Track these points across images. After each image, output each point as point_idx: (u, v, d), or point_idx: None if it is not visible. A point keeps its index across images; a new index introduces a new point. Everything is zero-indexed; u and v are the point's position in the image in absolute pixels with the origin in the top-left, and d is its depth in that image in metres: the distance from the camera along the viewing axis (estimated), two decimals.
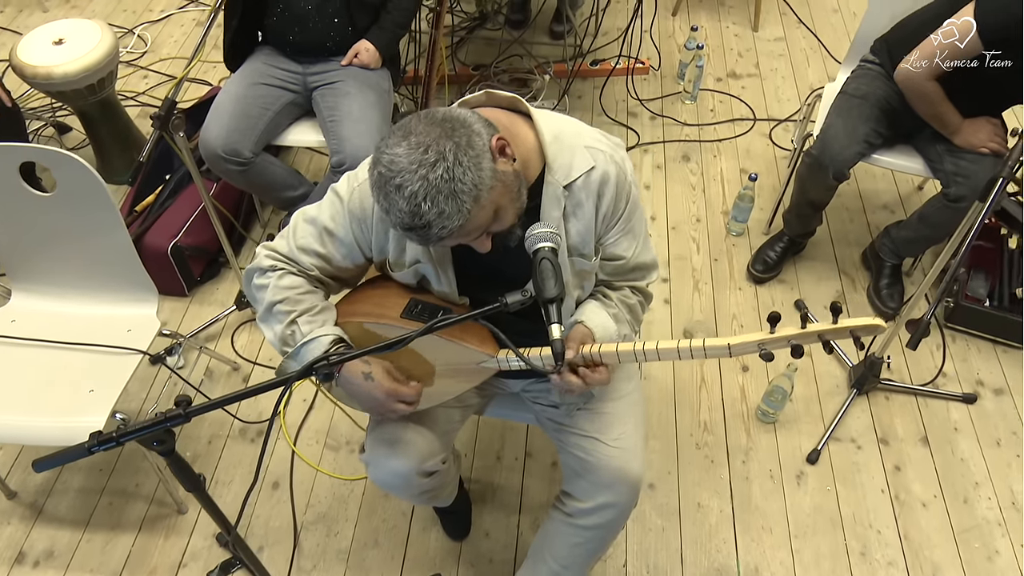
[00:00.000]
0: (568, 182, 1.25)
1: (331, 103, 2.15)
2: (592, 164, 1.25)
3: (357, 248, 1.34)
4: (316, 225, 1.33)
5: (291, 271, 1.35)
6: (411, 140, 1.04)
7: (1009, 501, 2.03)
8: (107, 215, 1.75)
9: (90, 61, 2.42)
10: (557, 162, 1.24)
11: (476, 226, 1.10)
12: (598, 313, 1.35)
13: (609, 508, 1.44)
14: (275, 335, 1.32)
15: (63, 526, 1.99)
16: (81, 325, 1.86)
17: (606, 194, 1.27)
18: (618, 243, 1.34)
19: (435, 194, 1.03)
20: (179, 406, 1.03)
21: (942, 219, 2.15)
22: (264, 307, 1.34)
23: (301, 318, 1.30)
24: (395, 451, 1.43)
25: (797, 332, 1.08)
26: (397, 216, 1.05)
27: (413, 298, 1.34)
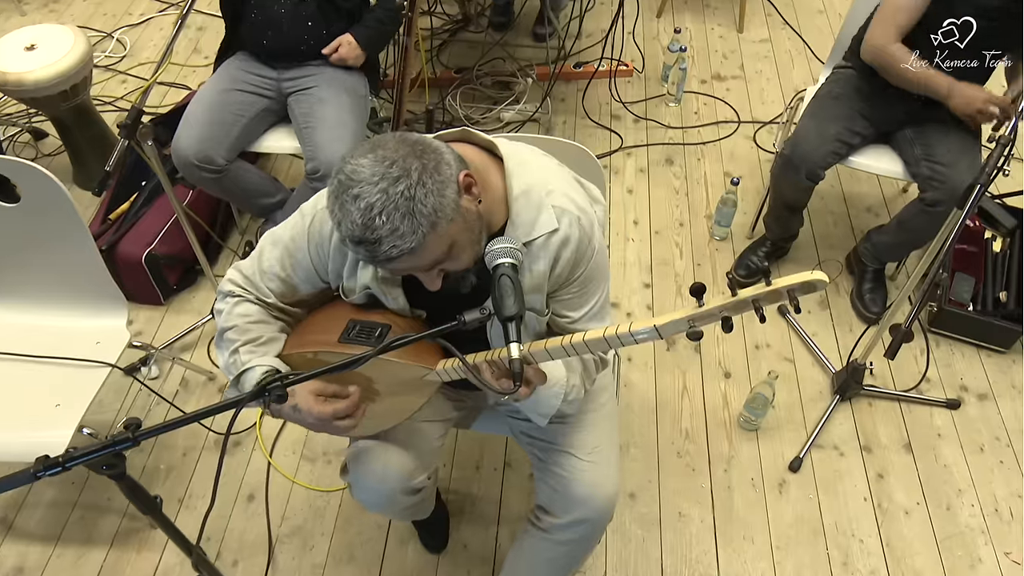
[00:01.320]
0: (528, 240, 1.20)
1: (306, 109, 2.12)
2: (555, 227, 1.20)
3: (314, 272, 1.31)
4: (279, 246, 1.31)
5: (248, 299, 1.33)
6: (378, 153, 1.02)
7: (992, 508, 2.01)
8: (73, 225, 1.72)
9: (63, 67, 2.38)
10: (520, 218, 1.19)
11: (429, 256, 1.06)
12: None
13: (583, 524, 1.42)
14: (222, 363, 1.32)
15: (33, 541, 1.96)
16: (48, 338, 1.83)
17: (563, 256, 1.22)
18: (568, 303, 1.29)
19: (392, 210, 1.00)
20: (128, 429, 0.99)
21: (920, 224, 2.14)
22: (218, 332, 1.33)
23: (243, 347, 1.28)
24: (379, 471, 1.41)
25: (727, 301, 0.97)
26: (348, 228, 1.02)
27: (351, 319, 1.30)
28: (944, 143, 2.08)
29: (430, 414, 1.51)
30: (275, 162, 2.90)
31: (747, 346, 2.36)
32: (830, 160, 2.16)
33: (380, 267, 1.13)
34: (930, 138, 2.12)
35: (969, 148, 2.10)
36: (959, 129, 2.10)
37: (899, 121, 2.17)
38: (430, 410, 1.51)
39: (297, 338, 1.36)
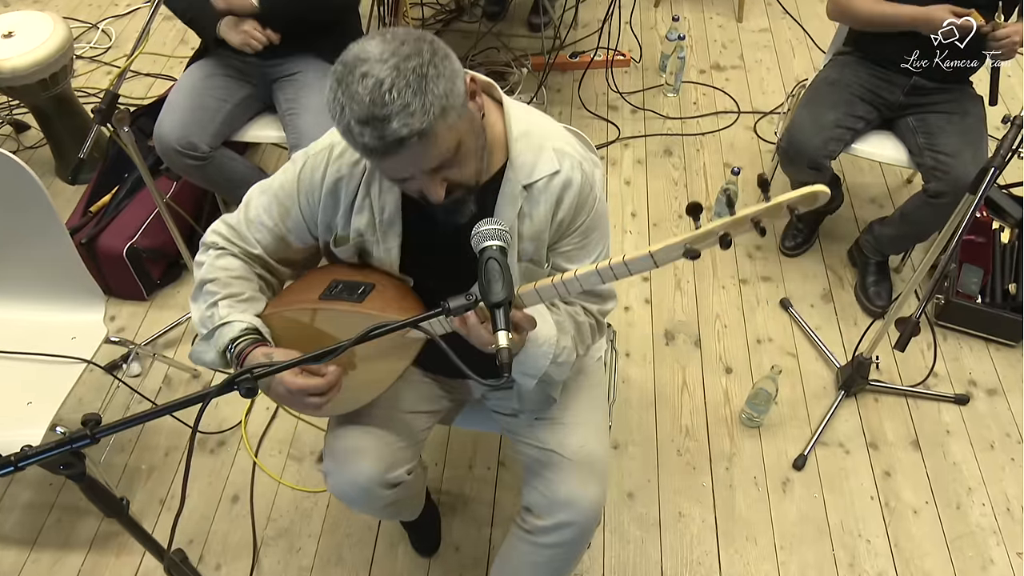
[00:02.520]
0: (529, 183, 1.17)
1: (290, 95, 2.04)
2: (557, 168, 1.17)
3: (303, 223, 1.26)
4: (267, 195, 1.26)
5: (231, 252, 1.27)
6: (386, 36, 0.98)
7: (1004, 507, 1.94)
8: (47, 217, 1.65)
9: (41, 55, 2.30)
10: (520, 159, 1.17)
11: (438, 148, 0.99)
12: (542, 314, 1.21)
13: (568, 527, 1.34)
14: (197, 316, 1.24)
15: (9, 544, 1.88)
16: (21, 332, 1.75)
17: (565, 200, 1.19)
18: (570, 256, 1.24)
19: (404, 86, 0.94)
20: (86, 426, 0.92)
21: (923, 216, 2.08)
22: (196, 284, 1.26)
23: (223, 301, 1.21)
24: (356, 460, 1.33)
25: (725, 221, 0.94)
26: (354, 110, 0.95)
27: (334, 279, 1.25)
28: (947, 132, 2.02)
29: (412, 403, 1.44)
30: (263, 154, 2.83)
31: (748, 340, 2.29)
32: (832, 147, 2.09)
33: (384, 161, 1.01)
34: (932, 127, 2.06)
35: (973, 138, 2.03)
36: (963, 118, 2.04)
37: (900, 105, 2.11)
38: (413, 397, 1.44)
39: (278, 299, 1.29)
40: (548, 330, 1.20)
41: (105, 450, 2.04)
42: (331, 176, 1.21)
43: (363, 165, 1.20)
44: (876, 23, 2.01)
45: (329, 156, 1.21)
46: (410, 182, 1.06)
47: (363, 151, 1.01)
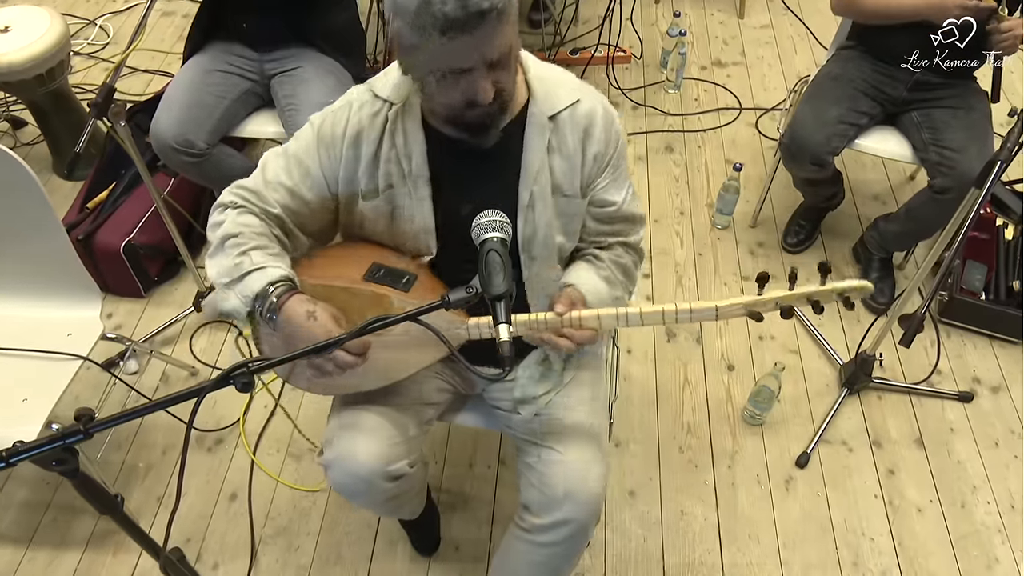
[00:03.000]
0: (553, 112, 1.21)
1: (289, 91, 2.02)
2: (578, 97, 1.22)
3: (324, 181, 1.26)
4: (286, 155, 1.26)
5: (250, 211, 1.25)
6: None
7: (1008, 505, 1.93)
8: (43, 212, 1.63)
9: (37, 50, 2.28)
10: (542, 93, 1.21)
11: (503, 38, 1.03)
12: (589, 277, 1.29)
13: (565, 525, 1.32)
14: (220, 269, 1.20)
15: (4, 543, 1.86)
16: (16, 329, 1.73)
17: (594, 132, 1.23)
18: (608, 188, 1.29)
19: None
20: (79, 421, 0.91)
21: (929, 213, 2.06)
22: (216, 242, 1.23)
23: (255, 251, 1.19)
24: (357, 452, 1.31)
25: (785, 294, 1.07)
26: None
27: (375, 262, 1.25)
28: (952, 127, 2.00)
29: (415, 396, 1.42)
30: (262, 149, 2.80)
31: (750, 337, 2.27)
32: (835, 143, 2.07)
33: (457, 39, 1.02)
34: (937, 122, 2.04)
35: (979, 133, 2.01)
36: (968, 113, 2.02)
37: (904, 100, 2.09)
38: (415, 390, 1.42)
39: (314, 271, 1.28)
40: (600, 288, 1.26)
41: (102, 448, 2.02)
42: (352, 128, 1.21)
43: (384, 116, 1.21)
44: (882, 15, 1.99)
45: (349, 110, 1.23)
46: (464, 79, 1.06)
47: (440, 24, 0.99)
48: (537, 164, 1.21)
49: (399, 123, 1.20)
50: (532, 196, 1.22)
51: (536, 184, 1.22)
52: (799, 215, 2.50)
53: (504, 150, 1.18)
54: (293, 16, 2.04)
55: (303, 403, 2.10)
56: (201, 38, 2.08)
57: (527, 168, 1.21)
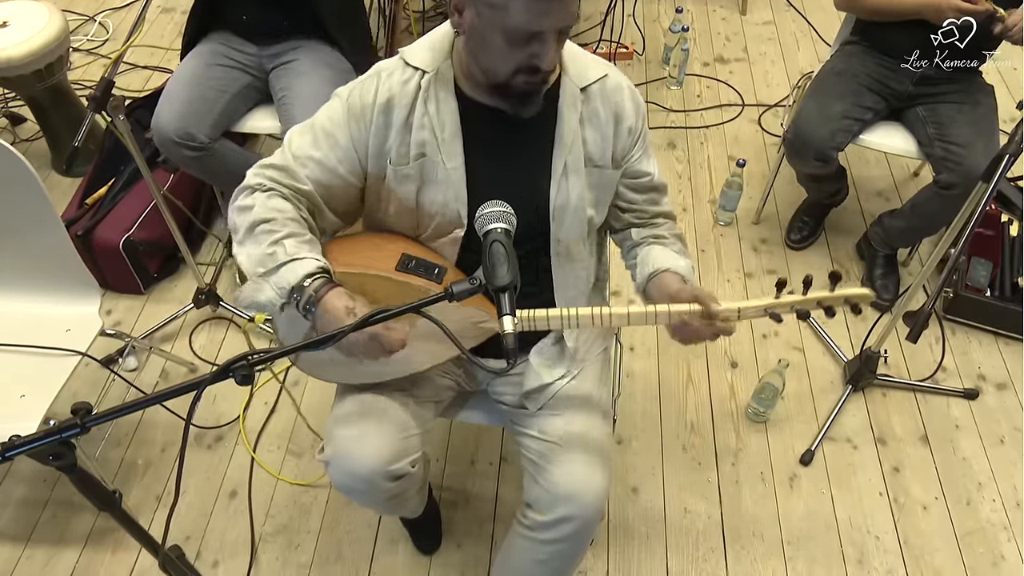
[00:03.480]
0: (584, 85, 1.24)
1: (285, 83, 2.01)
2: (606, 72, 1.27)
3: (354, 152, 1.24)
4: (313, 130, 1.25)
5: (281, 193, 1.23)
6: None
7: (1014, 502, 1.91)
8: (41, 208, 1.61)
9: (36, 45, 2.27)
10: (571, 68, 1.23)
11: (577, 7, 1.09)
12: (671, 257, 1.32)
13: (569, 522, 1.30)
14: (251, 257, 1.18)
15: (2, 541, 1.85)
16: (14, 325, 1.72)
17: (625, 105, 1.27)
18: (641, 160, 1.34)
19: None
20: (75, 414, 0.89)
21: (934, 209, 2.05)
22: (246, 227, 1.20)
23: (288, 240, 1.16)
24: (358, 450, 1.29)
25: (799, 298, 1.14)
26: None
27: (405, 253, 1.25)
28: (958, 122, 1.99)
29: (417, 393, 1.40)
30: (263, 145, 2.79)
31: (754, 334, 2.26)
32: (840, 139, 2.06)
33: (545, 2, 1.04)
34: (942, 117, 2.03)
35: (985, 128, 2.00)
36: (973, 108, 2.01)
37: (909, 95, 2.08)
38: (418, 387, 1.40)
39: (345, 258, 1.26)
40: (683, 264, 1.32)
41: (100, 445, 2.01)
42: (383, 95, 1.21)
43: (416, 83, 1.21)
44: (883, 12, 1.98)
45: (378, 79, 1.23)
46: (534, 42, 1.08)
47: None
48: (571, 135, 1.23)
49: (432, 90, 1.20)
50: (566, 166, 1.23)
51: (571, 154, 1.24)
52: (803, 211, 2.49)
53: (538, 121, 1.19)
54: (293, 7, 2.02)
55: (306, 391, 2.08)
56: (196, 32, 2.07)
57: (561, 138, 1.23)
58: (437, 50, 1.22)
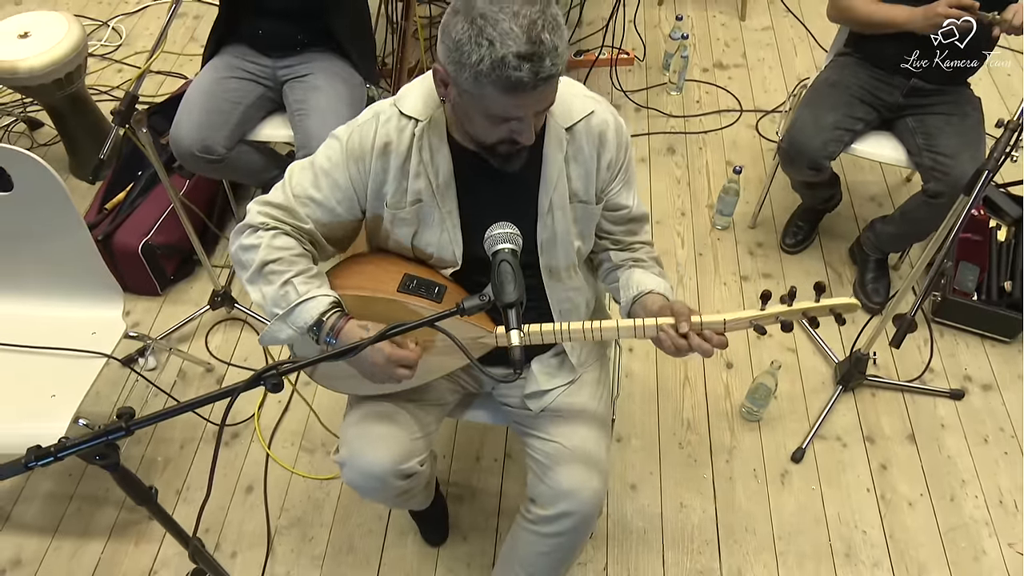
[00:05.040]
0: (569, 124, 1.28)
1: (300, 96, 2.09)
2: (592, 109, 1.29)
3: (353, 192, 1.30)
4: (312, 169, 1.30)
5: (284, 231, 1.30)
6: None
7: (996, 499, 2.00)
8: (67, 215, 1.70)
9: (56, 55, 2.35)
10: (558, 107, 1.25)
11: (554, 93, 1.12)
12: (652, 279, 1.37)
13: (569, 516, 1.40)
14: (266, 297, 1.26)
15: (31, 533, 1.94)
16: (44, 328, 1.81)
17: (608, 141, 1.30)
18: (620, 193, 1.37)
19: (552, 27, 1.04)
20: (121, 419, 0.98)
21: (923, 215, 2.12)
22: (255, 267, 1.27)
23: (297, 278, 1.25)
24: (371, 452, 1.39)
25: (785, 309, 1.20)
26: (510, 45, 1.02)
27: (407, 273, 1.31)
28: (946, 133, 2.06)
29: (426, 397, 1.49)
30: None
31: (749, 336, 2.34)
32: (832, 148, 2.13)
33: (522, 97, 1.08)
34: (931, 127, 2.10)
35: (972, 139, 2.07)
36: (962, 120, 2.08)
37: (899, 106, 2.15)
38: (426, 392, 1.49)
39: (349, 281, 1.33)
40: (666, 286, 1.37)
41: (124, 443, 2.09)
42: (380, 140, 1.26)
43: (411, 132, 1.25)
44: (874, 24, 2.05)
45: (377, 122, 1.27)
46: (512, 122, 1.13)
47: (507, 85, 1.05)
48: (556, 174, 1.28)
49: (426, 139, 1.25)
50: (551, 203, 1.29)
51: (555, 192, 1.29)
52: (797, 216, 2.57)
53: (525, 161, 1.23)
54: (307, 21, 2.10)
55: (317, 392, 2.17)
56: (216, 46, 2.15)
57: (546, 177, 1.28)
58: (429, 99, 1.25)
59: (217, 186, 2.55)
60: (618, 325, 1.25)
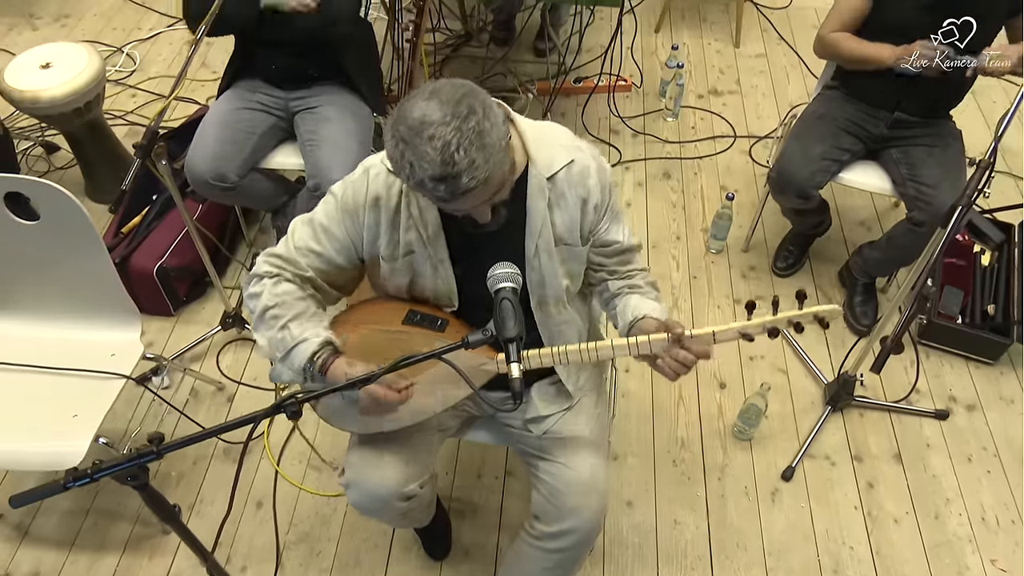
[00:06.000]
0: (550, 174, 1.34)
1: (311, 127, 2.19)
2: (572, 158, 1.35)
3: (350, 244, 1.39)
4: (312, 224, 1.39)
5: (286, 277, 1.39)
6: (440, 97, 1.10)
7: (979, 517, 2.07)
8: (90, 242, 1.78)
9: (77, 85, 2.45)
10: (539, 156, 1.33)
11: (494, 184, 1.16)
12: (648, 303, 1.44)
13: (572, 533, 1.48)
14: (267, 341, 1.36)
15: (48, 547, 2.02)
16: (66, 350, 1.89)
17: (590, 186, 1.36)
18: (609, 230, 1.44)
19: (468, 144, 1.08)
20: (152, 443, 1.06)
21: (908, 242, 2.20)
22: (258, 313, 1.37)
23: (293, 322, 1.33)
24: (376, 475, 1.48)
25: (770, 318, 1.27)
26: (426, 168, 1.09)
27: (412, 308, 1.40)
28: (928, 164, 2.15)
29: (429, 421, 1.57)
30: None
31: (741, 357, 2.42)
32: (819, 178, 2.22)
33: (450, 205, 1.18)
34: (914, 159, 2.19)
35: (953, 169, 2.16)
36: (943, 151, 2.17)
37: (884, 138, 2.24)
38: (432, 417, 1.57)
39: (356, 317, 1.42)
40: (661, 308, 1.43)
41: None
42: (372, 194, 1.35)
43: (399, 187, 1.34)
44: (857, 61, 2.14)
45: (367, 178, 1.36)
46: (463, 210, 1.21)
47: (434, 200, 1.16)
48: (539, 221, 1.35)
49: (413, 195, 1.34)
50: (537, 248, 1.36)
51: (540, 238, 1.36)
52: (788, 241, 2.65)
53: (509, 208, 1.30)
54: (316, 56, 2.20)
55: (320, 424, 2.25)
56: (232, 79, 2.25)
57: (530, 225, 1.35)
58: None
59: (229, 210, 2.64)
60: (612, 344, 1.33)
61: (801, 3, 3.77)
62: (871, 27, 2.13)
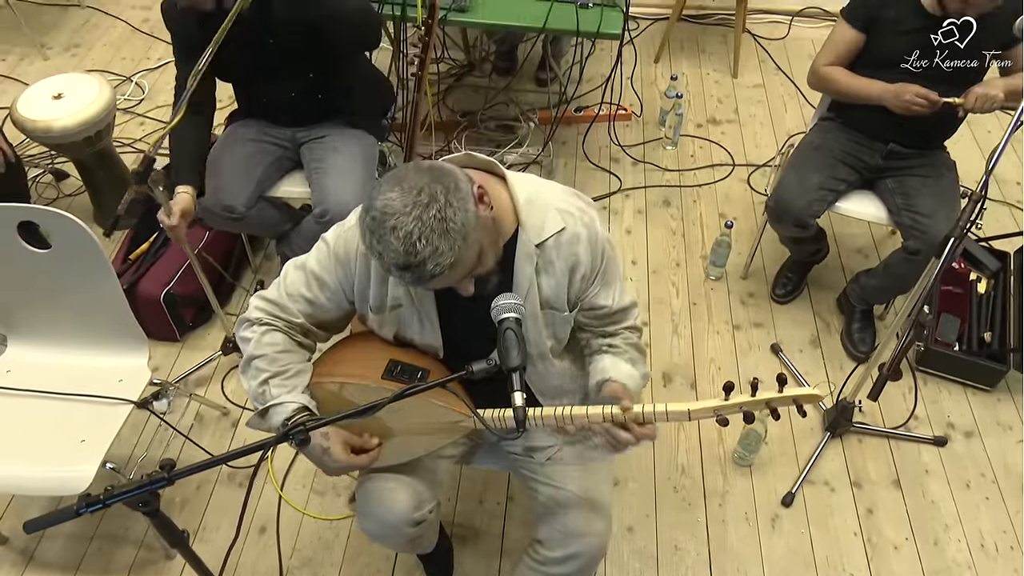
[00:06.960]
0: (540, 241, 1.33)
1: (318, 155, 2.23)
2: (563, 226, 1.34)
3: (341, 292, 1.42)
4: (304, 271, 1.42)
5: (275, 327, 1.42)
6: (404, 185, 1.12)
7: (978, 543, 2.08)
8: (100, 269, 1.82)
9: (88, 115, 2.50)
10: (529, 222, 1.33)
11: (464, 266, 1.16)
12: (619, 366, 1.43)
13: (577, 559, 1.50)
14: (250, 390, 1.40)
15: (54, 572, 2.03)
16: (74, 375, 1.92)
17: (581, 254, 1.35)
18: (598, 295, 1.43)
19: (429, 233, 1.10)
20: (163, 469, 1.09)
21: (904, 270, 2.24)
22: (245, 359, 1.42)
23: (273, 380, 1.37)
24: (386, 503, 1.50)
25: (748, 400, 1.21)
26: (392, 257, 1.11)
27: (392, 360, 1.41)
28: (923, 194, 2.19)
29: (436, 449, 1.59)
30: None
31: (741, 383, 2.44)
32: (816, 208, 2.26)
33: (423, 287, 1.21)
34: (909, 188, 2.23)
35: (947, 199, 2.20)
36: (937, 181, 2.21)
37: (879, 168, 2.29)
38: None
39: (331, 368, 1.44)
40: (632, 372, 1.41)
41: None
42: (363, 246, 1.35)
43: None
44: (851, 96, 2.20)
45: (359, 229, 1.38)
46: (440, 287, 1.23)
47: (405, 284, 1.20)
48: (526, 285, 1.35)
49: None
50: None
51: (527, 301, 1.34)
52: (787, 268, 2.69)
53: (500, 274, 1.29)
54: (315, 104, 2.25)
55: None
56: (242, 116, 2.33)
57: (517, 288, 1.35)
58: None
59: (235, 236, 2.68)
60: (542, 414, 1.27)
61: (798, 34, 3.85)
62: (865, 59, 2.18)
